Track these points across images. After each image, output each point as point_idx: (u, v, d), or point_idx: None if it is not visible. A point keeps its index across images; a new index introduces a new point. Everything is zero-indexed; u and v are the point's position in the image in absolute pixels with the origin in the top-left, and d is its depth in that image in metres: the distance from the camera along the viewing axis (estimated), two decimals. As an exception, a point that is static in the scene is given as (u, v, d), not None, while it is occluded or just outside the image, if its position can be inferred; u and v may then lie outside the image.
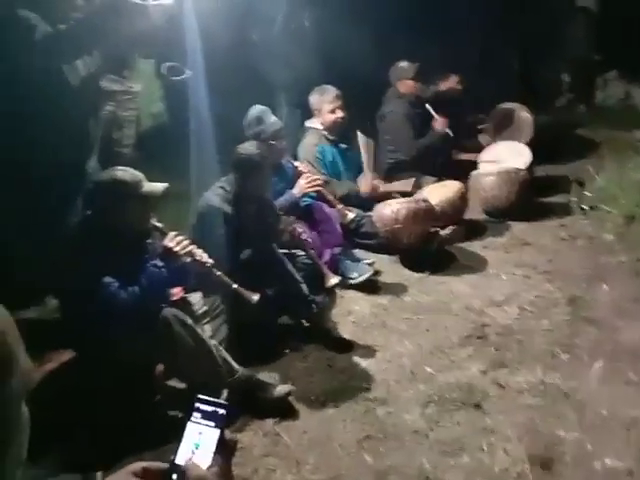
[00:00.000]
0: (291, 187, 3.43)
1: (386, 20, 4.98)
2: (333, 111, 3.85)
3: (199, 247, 2.36)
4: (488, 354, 2.67)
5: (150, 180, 3.25)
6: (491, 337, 2.80)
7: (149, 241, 2.39)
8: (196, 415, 0.81)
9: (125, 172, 2.21)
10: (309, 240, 3.10)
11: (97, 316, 2.17)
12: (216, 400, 0.82)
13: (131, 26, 2.50)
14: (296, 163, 3.50)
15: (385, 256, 3.66)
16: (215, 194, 2.86)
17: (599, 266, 3.32)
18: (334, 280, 3.07)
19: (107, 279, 2.12)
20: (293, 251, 3.14)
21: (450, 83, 4.78)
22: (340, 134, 3.96)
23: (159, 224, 2.35)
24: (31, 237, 2.90)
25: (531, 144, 4.52)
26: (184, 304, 2.68)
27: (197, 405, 0.82)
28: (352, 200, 3.74)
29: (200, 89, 3.61)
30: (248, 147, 2.92)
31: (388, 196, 3.82)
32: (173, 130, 4.70)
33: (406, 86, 4.40)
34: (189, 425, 0.81)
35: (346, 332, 2.89)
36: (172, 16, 2.89)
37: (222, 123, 3.50)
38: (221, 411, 0.81)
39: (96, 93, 2.78)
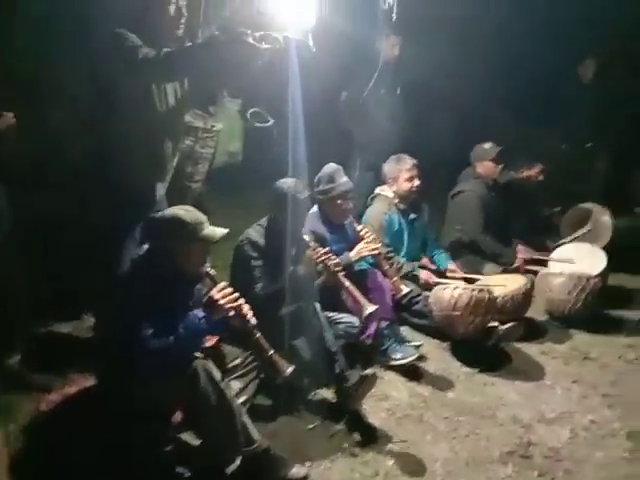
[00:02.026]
0: (350, 250, 3.33)
1: (478, 100, 4.96)
2: (410, 179, 3.77)
3: (245, 304, 2.26)
4: (530, 478, 2.40)
5: (210, 214, 3.24)
6: (536, 459, 2.52)
7: (198, 287, 2.32)
8: None
9: (187, 212, 2.16)
10: (335, 260, 2.95)
11: (126, 353, 2.10)
12: None
13: (237, 65, 2.52)
14: (359, 227, 3.40)
15: (434, 341, 3.46)
16: (253, 229, 2.95)
17: (668, 402, 2.99)
18: (371, 308, 2.88)
19: (143, 323, 2.04)
20: (335, 316, 3.02)
21: (531, 172, 4.62)
22: (410, 204, 3.86)
23: (212, 271, 2.28)
24: (88, 253, 2.93)
25: (607, 249, 4.26)
26: (217, 352, 2.59)
27: None
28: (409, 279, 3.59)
29: (282, 136, 3.62)
30: (284, 182, 2.92)
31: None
32: (245, 170, 4.77)
33: (485, 168, 4.28)
34: None
35: (378, 419, 2.69)
36: (273, 62, 2.92)
37: (296, 172, 3.49)
38: None
39: (179, 123, 2.80)
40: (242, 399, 2.51)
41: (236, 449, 2.17)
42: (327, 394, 2.87)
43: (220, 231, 2.19)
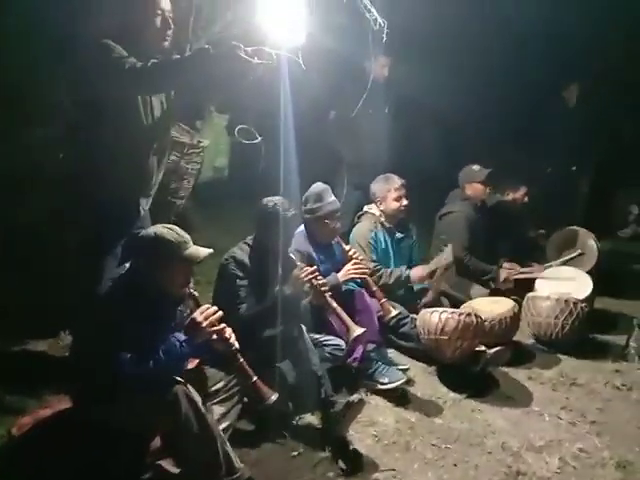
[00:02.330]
0: (337, 270, 3.28)
1: (466, 122, 4.99)
2: (398, 199, 3.74)
3: (228, 327, 2.18)
4: (520, 509, 2.35)
5: (195, 229, 3.10)
6: (525, 489, 2.46)
7: (180, 308, 2.24)
8: None
9: (170, 231, 2.09)
10: (322, 281, 2.88)
11: (102, 376, 2.00)
12: None
13: (228, 79, 2.46)
14: (347, 247, 3.35)
15: (421, 364, 3.39)
16: (238, 248, 2.87)
17: (657, 430, 2.96)
18: (359, 331, 2.83)
19: (121, 345, 1.95)
20: (321, 338, 2.95)
21: (517, 194, 4.63)
22: (397, 223, 3.83)
23: (195, 292, 2.20)
24: (67, 269, 2.83)
25: (592, 272, 4.27)
26: (199, 375, 2.50)
27: None
28: (401, 285, 3.58)
29: (269, 153, 3.58)
30: (270, 200, 2.87)
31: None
32: (231, 186, 4.72)
33: (474, 189, 4.28)
34: None
35: (364, 446, 2.61)
36: (262, 78, 2.87)
37: (286, 190, 3.44)
38: None
39: (165, 136, 2.73)
40: (224, 425, 2.41)
41: (217, 478, 2.08)
42: (312, 419, 2.78)
43: (204, 251, 2.12)
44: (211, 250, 2.15)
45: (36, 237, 2.87)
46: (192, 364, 2.59)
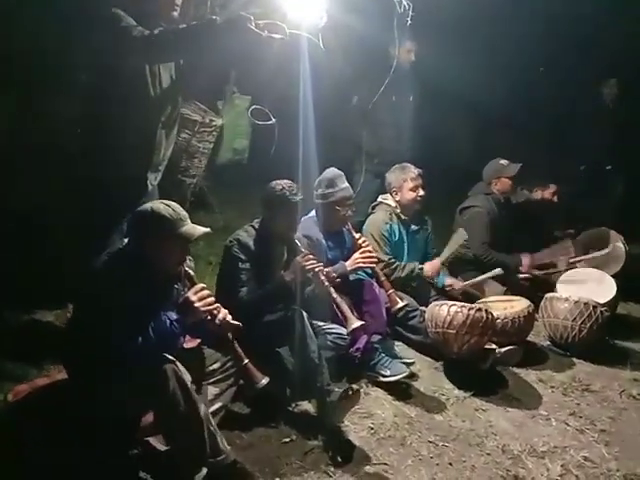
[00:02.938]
0: (346, 258, 3.22)
1: (498, 114, 4.83)
2: (414, 189, 3.64)
3: (223, 308, 2.15)
4: (513, 515, 2.26)
5: (212, 211, 3.03)
6: (522, 495, 2.38)
7: (177, 287, 2.21)
8: None
9: (167, 207, 2.06)
10: (324, 275, 2.80)
11: (94, 350, 2.00)
12: None
13: (239, 52, 2.43)
14: (357, 235, 3.27)
15: (427, 359, 3.32)
16: (244, 230, 2.83)
17: (671, 444, 2.82)
18: (356, 324, 2.76)
19: (114, 321, 1.94)
20: (325, 326, 2.90)
21: (546, 193, 4.47)
22: (412, 215, 3.73)
23: (191, 271, 2.17)
24: (74, 241, 2.85)
25: (618, 276, 4.10)
26: (198, 355, 2.48)
27: None
28: (413, 279, 3.53)
29: (290, 136, 3.52)
30: (277, 184, 2.81)
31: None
32: (251, 168, 4.69)
33: (502, 184, 4.15)
34: None
35: (358, 438, 2.56)
36: (282, 59, 2.81)
37: (301, 173, 3.39)
38: None
39: (174, 110, 2.70)
40: (217, 405, 2.38)
41: (202, 458, 2.06)
42: (309, 407, 2.75)
43: (200, 229, 2.08)
44: (207, 229, 2.11)
45: (46, 208, 2.88)
46: (193, 344, 2.58)
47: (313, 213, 3.27)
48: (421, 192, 3.64)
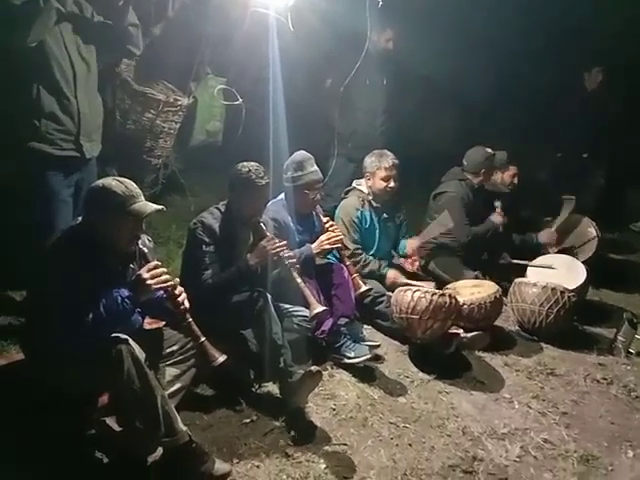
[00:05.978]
0: (314, 242, 3.21)
1: (480, 101, 4.82)
2: (386, 179, 3.60)
3: (178, 286, 2.13)
4: (469, 495, 2.28)
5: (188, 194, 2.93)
6: (479, 475, 2.39)
7: (132, 266, 2.19)
8: None
9: (120, 184, 2.02)
10: (292, 259, 2.81)
11: (45, 328, 1.98)
12: None
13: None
14: (324, 218, 3.26)
15: (395, 343, 3.34)
16: (209, 213, 2.79)
17: (630, 426, 2.85)
18: (319, 309, 2.75)
19: (66, 298, 1.92)
20: (291, 309, 2.90)
21: (505, 175, 4.42)
22: (385, 203, 3.71)
23: (145, 249, 2.15)
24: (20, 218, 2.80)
25: (590, 263, 4.13)
26: (155, 335, 2.45)
27: None
28: (374, 278, 3.49)
29: (264, 118, 3.49)
30: (243, 166, 2.77)
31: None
32: (225, 151, 4.64)
33: (488, 176, 4.16)
34: None
35: (320, 419, 2.57)
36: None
37: (272, 155, 3.36)
38: None
39: (88, 73, 2.69)
40: (177, 386, 2.37)
41: (156, 438, 2.05)
42: (273, 388, 2.75)
43: (152, 206, 2.06)
44: (160, 207, 2.09)
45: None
46: (151, 325, 2.57)
47: (282, 196, 3.24)
48: (392, 184, 3.59)
